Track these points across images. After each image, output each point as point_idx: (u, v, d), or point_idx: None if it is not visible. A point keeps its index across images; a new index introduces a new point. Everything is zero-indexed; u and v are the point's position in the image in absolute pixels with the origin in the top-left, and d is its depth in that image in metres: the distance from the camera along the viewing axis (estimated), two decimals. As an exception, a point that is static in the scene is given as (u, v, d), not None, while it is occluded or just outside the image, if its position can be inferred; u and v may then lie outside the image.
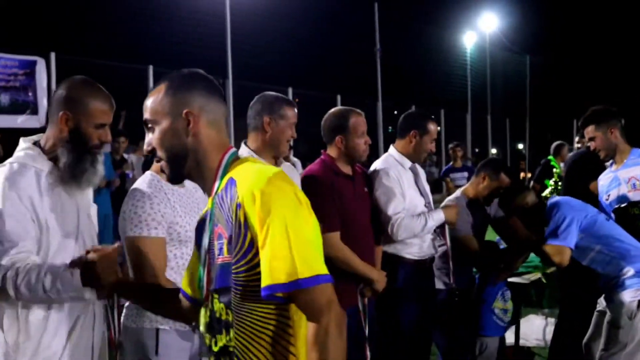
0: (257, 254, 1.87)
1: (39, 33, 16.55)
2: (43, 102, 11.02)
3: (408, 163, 4.54)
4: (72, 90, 2.77)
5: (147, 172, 3.20)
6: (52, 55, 11.26)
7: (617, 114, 4.86)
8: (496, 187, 4.87)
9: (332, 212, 3.98)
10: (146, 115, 2.10)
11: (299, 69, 20.08)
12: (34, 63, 10.92)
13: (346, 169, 4.24)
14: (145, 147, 2.15)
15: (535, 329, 6.31)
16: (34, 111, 10.96)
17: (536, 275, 5.54)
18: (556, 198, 4.69)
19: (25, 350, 2.67)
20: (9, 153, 2.95)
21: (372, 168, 4.57)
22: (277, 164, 3.83)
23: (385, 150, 4.83)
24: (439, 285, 4.79)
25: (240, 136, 12.09)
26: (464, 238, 4.79)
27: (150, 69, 12.75)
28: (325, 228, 3.12)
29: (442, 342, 4.93)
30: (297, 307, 1.88)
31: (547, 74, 29.62)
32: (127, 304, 3.15)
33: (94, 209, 3.01)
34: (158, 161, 2.13)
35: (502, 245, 5.46)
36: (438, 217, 4.44)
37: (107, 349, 3.02)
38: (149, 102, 2.09)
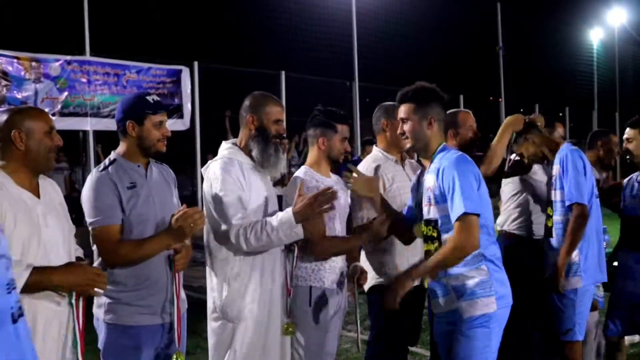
0: None
1: (183, 45, 17.70)
2: (187, 107, 11.98)
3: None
4: (253, 100, 3.77)
5: (303, 166, 4.12)
6: (195, 64, 12.24)
7: None
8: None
9: None
10: None
11: (422, 70, 20.30)
12: (180, 72, 11.94)
13: None
14: None
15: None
16: (180, 115, 11.94)
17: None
18: None
19: (231, 294, 3.62)
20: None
21: None
22: (402, 158, 4.46)
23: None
24: None
25: (366, 134, 12.45)
26: None
27: (282, 74, 13.67)
28: None
29: None
30: None
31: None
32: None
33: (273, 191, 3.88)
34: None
35: None
36: None
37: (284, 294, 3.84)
38: None
